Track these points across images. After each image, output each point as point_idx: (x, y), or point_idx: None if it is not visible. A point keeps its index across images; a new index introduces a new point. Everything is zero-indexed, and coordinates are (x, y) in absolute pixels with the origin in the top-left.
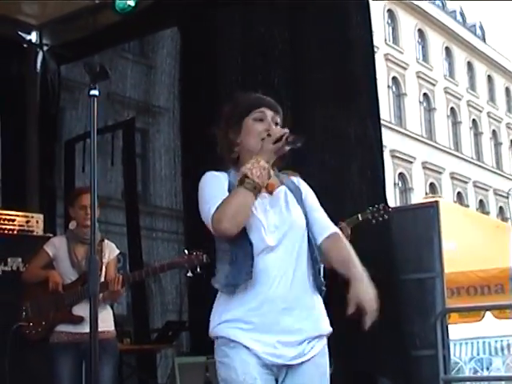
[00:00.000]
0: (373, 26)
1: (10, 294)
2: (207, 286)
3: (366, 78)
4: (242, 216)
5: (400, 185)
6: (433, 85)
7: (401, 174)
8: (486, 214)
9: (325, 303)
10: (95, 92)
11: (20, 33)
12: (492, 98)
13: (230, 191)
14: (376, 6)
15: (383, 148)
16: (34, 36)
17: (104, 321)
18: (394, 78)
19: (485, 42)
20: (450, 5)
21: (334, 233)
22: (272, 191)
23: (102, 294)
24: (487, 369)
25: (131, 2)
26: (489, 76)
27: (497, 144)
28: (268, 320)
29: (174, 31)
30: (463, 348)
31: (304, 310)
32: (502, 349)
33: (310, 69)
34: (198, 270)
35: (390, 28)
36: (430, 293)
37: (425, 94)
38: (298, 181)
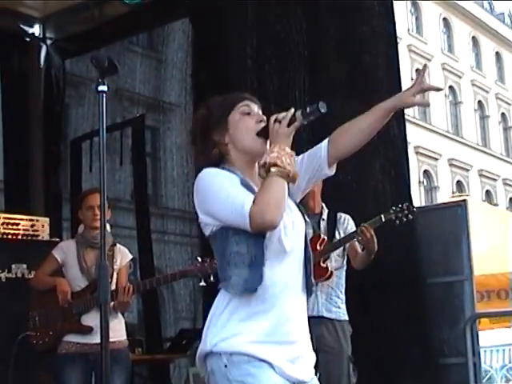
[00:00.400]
0: (395, 15)
1: (15, 302)
2: None
3: (388, 70)
4: (283, 205)
5: (425, 183)
6: (459, 77)
7: (426, 172)
8: None
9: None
10: (104, 87)
11: (22, 26)
12: None
13: (245, 188)
14: None
15: (407, 144)
16: (36, 29)
17: (115, 330)
18: (418, 70)
19: None
20: None
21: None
22: (295, 180)
23: (112, 303)
24: None
25: None
26: None
27: None
28: (287, 331)
29: (185, 23)
30: (494, 355)
31: (305, 318)
32: None
33: (327, 61)
34: (212, 278)
35: (414, 17)
36: (459, 297)
37: (450, 87)
38: None
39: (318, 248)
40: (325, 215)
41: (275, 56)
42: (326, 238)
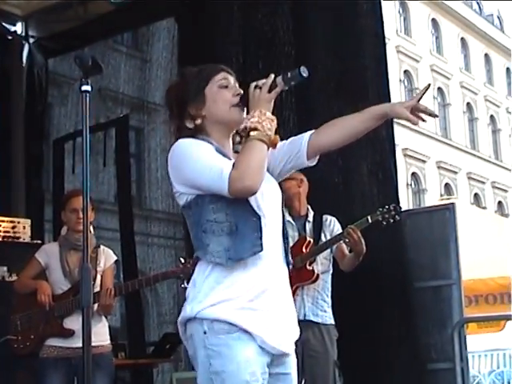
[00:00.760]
0: (384, 16)
1: None
2: None
3: (376, 71)
4: (263, 170)
5: (413, 185)
6: (448, 78)
7: (414, 174)
8: (505, 216)
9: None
10: (87, 87)
11: (4, 24)
12: (511, 93)
13: (222, 155)
14: None
15: (395, 146)
16: (19, 27)
17: (99, 334)
18: (406, 72)
19: (503, 32)
20: None
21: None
22: (275, 145)
23: (96, 306)
24: (508, 383)
25: None
26: (507, 69)
27: None
28: (269, 299)
29: (170, 22)
30: (482, 360)
31: (288, 290)
32: None
33: (315, 61)
34: None
35: (402, 18)
36: (447, 301)
37: (439, 89)
38: None
39: (303, 251)
40: (310, 217)
41: (262, 56)
42: (311, 240)
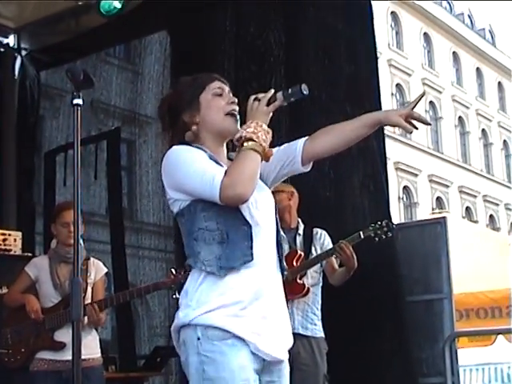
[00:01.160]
0: (376, 30)
1: None
2: None
3: (368, 85)
4: (255, 180)
5: (405, 199)
6: (439, 92)
7: (405, 188)
8: (497, 229)
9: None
10: (79, 101)
11: None
12: (503, 107)
13: (215, 162)
14: (379, 8)
15: (387, 160)
16: (11, 39)
17: (89, 347)
18: (398, 85)
19: (495, 46)
20: (458, 7)
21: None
22: (269, 158)
23: (86, 318)
24: None
25: (117, 4)
26: (499, 83)
27: (508, 155)
28: (263, 306)
29: (162, 35)
30: (474, 374)
31: (282, 297)
32: None
33: (306, 75)
34: None
35: (394, 32)
36: (438, 316)
37: (431, 103)
38: None
39: (294, 264)
40: (301, 230)
41: (254, 69)
42: (302, 253)
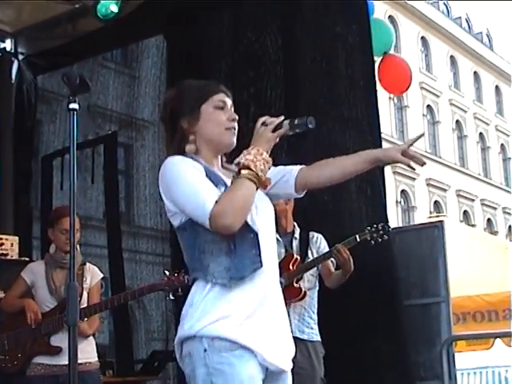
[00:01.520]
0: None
1: None
2: None
3: (365, 89)
4: (247, 211)
5: (402, 203)
6: (437, 96)
7: (403, 192)
8: (495, 233)
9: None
10: (75, 105)
11: None
12: (500, 111)
13: (209, 177)
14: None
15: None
16: (8, 44)
17: (85, 351)
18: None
19: (492, 50)
20: (455, 11)
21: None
22: (266, 186)
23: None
24: None
25: (114, 8)
26: (497, 87)
27: (505, 159)
28: (267, 314)
29: (159, 39)
30: (471, 378)
31: (283, 304)
32: None
33: (304, 79)
34: (180, 291)
35: None
36: (436, 319)
37: (428, 106)
38: None
39: (291, 268)
40: (297, 234)
41: (251, 73)
42: (298, 257)
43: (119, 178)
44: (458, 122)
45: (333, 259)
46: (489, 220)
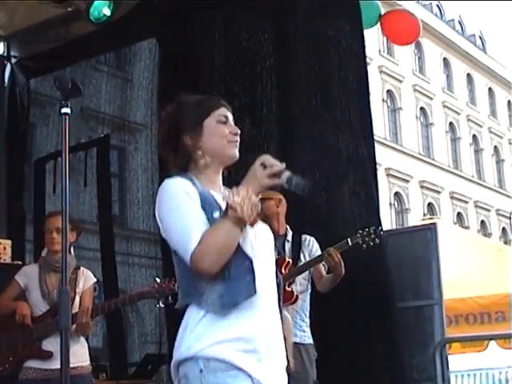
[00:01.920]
0: (366, 36)
1: None
2: None
3: (358, 92)
4: (226, 256)
5: (396, 205)
6: (430, 98)
7: (397, 194)
8: (488, 235)
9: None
10: (67, 110)
11: None
12: (493, 113)
13: (203, 204)
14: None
15: (377, 166)
16: (0, 47)
17: (77, 355)
18: (389, 92)
19: (485, 52)
20: (449, 13)
21: None
22: (253, 225)
23: (74, 327)
24: None
25: (106, 11)
26: (490, 89)
27: (499, 161)
28: (265, 340)
29: (151, 42)
30: (465, 380)
31: (280, 329)
32: (507, 381)
33: (297, 83)
34: (170, 299)
35: (385, 38)
36: (429, 321)
37: (422, 109)
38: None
39: (283, 271)
40: (289, 237)
41: (244, 75)
42: (290, 261)
43: (112, 181)
44: (451, 124)
45: (324, 263)
46: (482, 222)
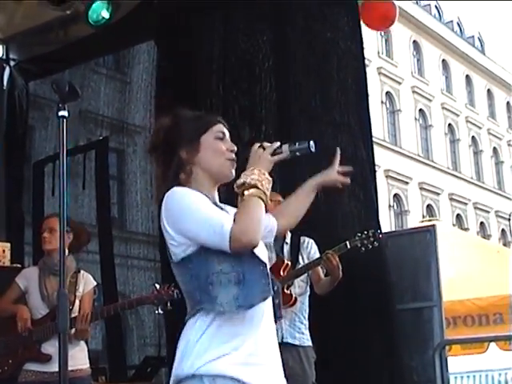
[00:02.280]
0: (364, 38)
1: None
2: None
3: (356, 93)
4: (261, 228)
5: (395, 207)
6: (429, 100)
7: (396, 196)
8: (488, 237)
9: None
10: (64, 113)
11: None
12: (492, 114)
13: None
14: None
15: (376, 168)
16: None
17: (76, 358)
18: (388, 93)
19: (484, 54)
20: (447, 15)
21: None
22: (267, 208)
23: (73, 331)
24: None
25: (105, 14)
26: (489, 90)
27: (498, 163)
28: (266, 352)
29: (150, 45)
30: (465, 381)
31: (276, 343)
32: (507, 382)
33: (295, 84)
34: (169, 305)
35: (383, 40)
36: (428, 323)
37: (421, 110)
38: None
39: (281, 274)
40: (288, 239)
41: (243, 77)
42: (289, 263)
43: (111, 184)
44: (450, 125)
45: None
46: (482, 223)
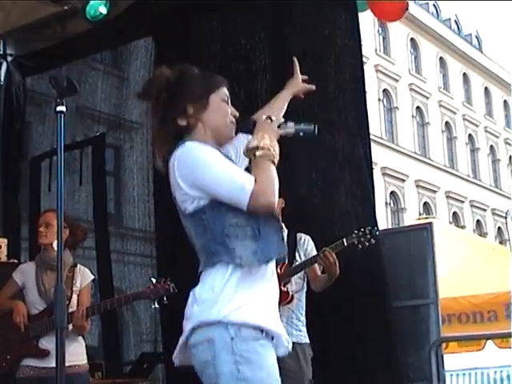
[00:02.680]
0: (362, 35)
1: None
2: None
3: (354, 91)
4: (277, 192)
5: (392, 204)
6: (426, 98)
7: (392, 193)
8: (484, 234)
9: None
10: (62, 108)
11: None
12: (489, 112)
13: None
14: (365, 14)
15: (373, 165)
16: None
17: (74, 354)
18: (385, 91)
19: (481, 52)
20: (445, 12)
21: None
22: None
23: (71, 326)
24: None
25: (103, 10)
26: (486, 88)
27: (495, 161)
28: (276, 304)
29: (148, 41)
30: (460, 379)
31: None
32: (502, 380)
33: None
34: (165, 300)
35: (381, 37)
36: (424, 321)
37: (418, 108)
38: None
39: (278, 271)
40: (284, 236)
41: (240, 75)
42: (286, 261)
43: (108, 180)
44: (447, 123)
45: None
46: (478, 221)
